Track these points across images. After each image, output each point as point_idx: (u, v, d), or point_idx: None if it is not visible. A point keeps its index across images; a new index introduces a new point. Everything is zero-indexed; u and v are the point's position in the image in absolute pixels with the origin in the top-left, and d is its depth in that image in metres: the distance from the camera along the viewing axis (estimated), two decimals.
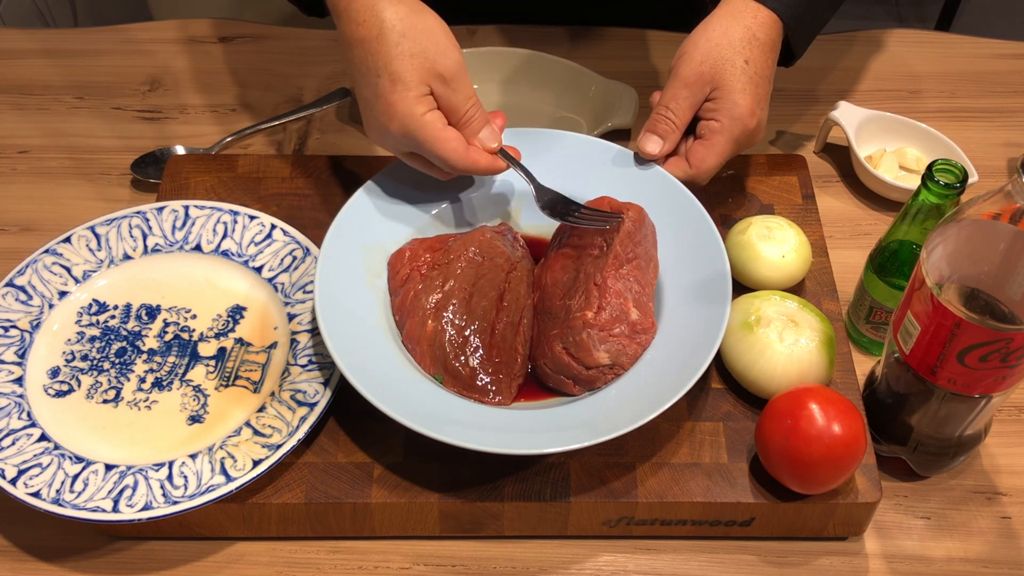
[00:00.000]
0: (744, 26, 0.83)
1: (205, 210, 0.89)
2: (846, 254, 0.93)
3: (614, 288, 0.75)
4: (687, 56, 0.83)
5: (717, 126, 0.83)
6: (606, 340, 0.74)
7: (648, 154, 0.85)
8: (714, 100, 0.83)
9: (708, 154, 0.83)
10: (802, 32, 0.87)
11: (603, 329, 0.74)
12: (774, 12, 0.84)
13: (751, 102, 0.82)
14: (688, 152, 0.85)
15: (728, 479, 0.74)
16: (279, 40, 1.16)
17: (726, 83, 0.82)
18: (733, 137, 0.83)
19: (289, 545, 0.76)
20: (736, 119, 0.82)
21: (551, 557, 0.76)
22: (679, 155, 0.86)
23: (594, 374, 0.75)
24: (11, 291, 0.83)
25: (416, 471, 0.74)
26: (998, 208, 0.63)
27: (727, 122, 0.82)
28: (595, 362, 0.75)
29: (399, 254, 0.82)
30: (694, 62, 0.83)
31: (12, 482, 0.72)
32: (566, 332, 0.75)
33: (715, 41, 0.83)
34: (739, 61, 0.82)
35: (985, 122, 1.07)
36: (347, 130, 1.06)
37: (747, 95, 0.82)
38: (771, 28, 0.84)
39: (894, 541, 0.76)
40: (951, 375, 0.68)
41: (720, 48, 0.82)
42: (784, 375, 0.75)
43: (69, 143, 1.06)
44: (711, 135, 0.83)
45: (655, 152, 0.84)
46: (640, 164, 0.86)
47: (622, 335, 0.75)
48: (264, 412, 0.77)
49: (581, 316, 0.74)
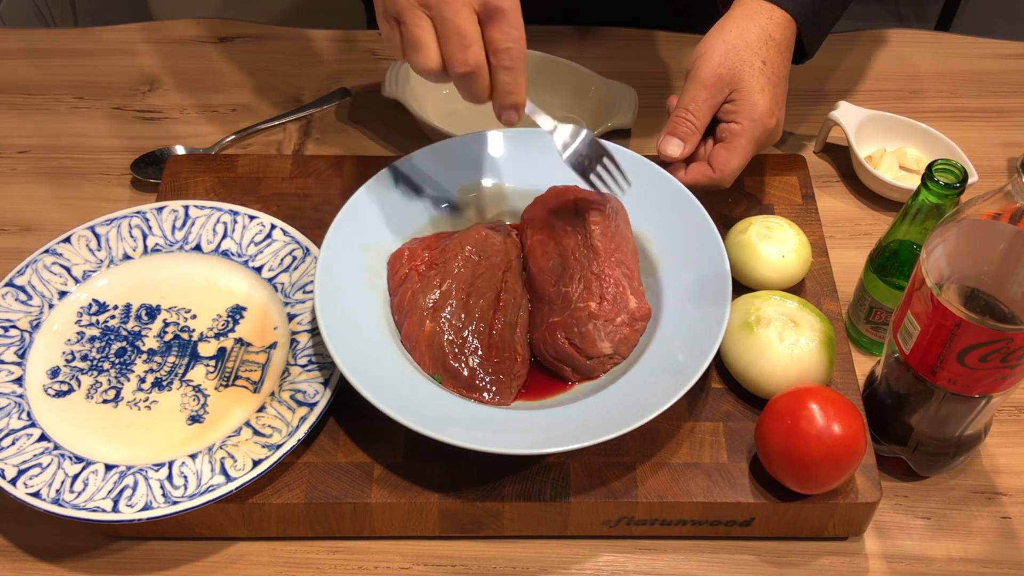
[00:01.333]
0: (760, 27, 0.84)
1: (205, 210, 0.89)
2: (846, 254, 0.93)
3: (612, 277, 0.76)
4: (705, 58, 0.83)
5: (738, 128, 0.83)
6: (609, 329, 0.75)
7: (669, 156, 0.84)
8: (733, 102, 0.83)
9: (731, 157, 0.83)
10: (815, 31, 0.88)
11: (607, 320, 0.75)
12: (788, 12, 0.85)
13: (770, 102, 0.83)
14: (711, 156, 0.85)
15: (728, 479, 0.74)
16: (279, 40, 1.16)
17: (745, 84, 0.82)
18: (754, 138, 0.83)
19: (289, 545, 0.76)
20: (756, 120, 0.82)
21: (551, 557, 0.76)
22: (700, 159, 0.86)
23: (595, 364, 0.76)
24: (11, 291, 0.83)
25: (416, 471, 0.74)
26: (998, 208, 0.63)
27: (748, 124, 0.83)
28: (598, 352, 0.75)
29: (398, 254, 0.82)
30: (712, 63, 0.83)
31: (12, 482, 0.72)
32: (570, 323, 0.75)
33: (732, 42, 0.83)
34: (757, 62, 0.83)
35: (985, 122, 1.07)
36: (347, 130, 1.06)
37: (766, 95, 0.82)
38: (786, 28, 0.85)
39: (894, 541, 0.76)
40: (951, 375, 0.68)
41: (738, 49, 0.83)
42: (784, 375, 0.75)
43: (69, 143, 1.06)
44: (733, 137, 0.83)
45: (676, 155, 0.84)
46: (640, 165, 0.86)
47: (623, 324, 0.76)
48: (264, 412, 0.77)
49: (586, 308, 0.75)
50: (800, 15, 0.85)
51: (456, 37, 0.69)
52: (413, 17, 0.69)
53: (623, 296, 0.76)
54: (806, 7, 0.85)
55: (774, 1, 0.85)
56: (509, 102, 0.72)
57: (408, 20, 0.69)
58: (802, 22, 0.85)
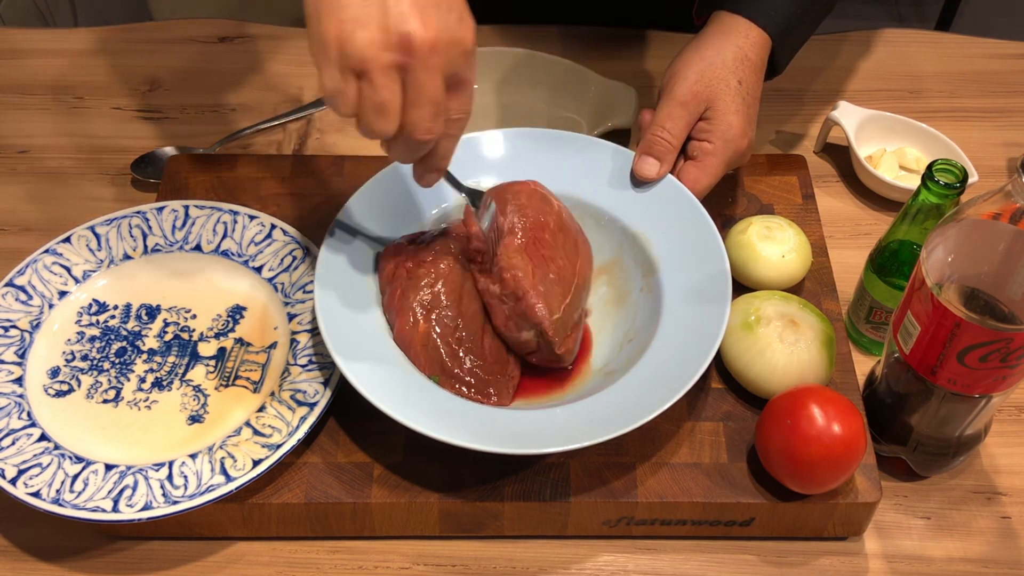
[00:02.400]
0: (736, 46, 0.84)
1: (205, 210, 0.89)
2: (846, 254, 0.93)
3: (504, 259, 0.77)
4: (680, 75, 0.84)
5: (711, 148, 0.83)
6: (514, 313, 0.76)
7: (646, 177, 0.84)
8: (708, 120, 0.83)
9: (702, 176, 0.83)
10: (787, 50, 0.88)
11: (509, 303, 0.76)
12: (765, 30, 0.85)
13: (743, 124, 0.83)
14: (680, 173, 0.85)
15: (728, 479, 0.74)
16: (279, 40, 1.16)
17: (720, 104, 0.82)
18: (726, 159, 0.83)
19: (289, 545, 0.76)
20: (729, 141, 0.83)
21: (551, 557, 0.76)
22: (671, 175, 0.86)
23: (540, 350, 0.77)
24: (11, 291, 0.83)
25: (416, 471, 0.74)
26: (998, 208, 0.63)
27: (721, 144, 0.83)
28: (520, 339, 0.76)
29: (385, 251, 0.82)
30: (688, 81, 0.83)
31: (12, 482, 0.72)
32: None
33: (708, 60, 0.83)
34: (733, 81, 0.83)
35: (985, 122, 1.07)
36: (347, 130, 1.06)
37: (740, 116, 0.83)
38: (761, 48, 0.85)
39: (894, 541, 0.76)
40: (951, 375, 0.68)
41: (714, 67, 0.83)
42: (784, 375, 0.75)
43: (69, 143, 1.06)
44: (704, 156, 0.83)
45: (653, 175, 0.84)
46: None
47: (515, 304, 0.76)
48: (264, 412, 0.77)
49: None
50: (776, 33, 0.85)
51: (430, 105, 0.62)
52: (384, 78, 0.61)
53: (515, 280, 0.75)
54: (780, 25, 0.85)
55: (751, 18, 0.85)
56: (439, 167, 0.70)
57: (378, 80, 0.61)
58: (777, 40, 0.86)
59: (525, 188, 0.81)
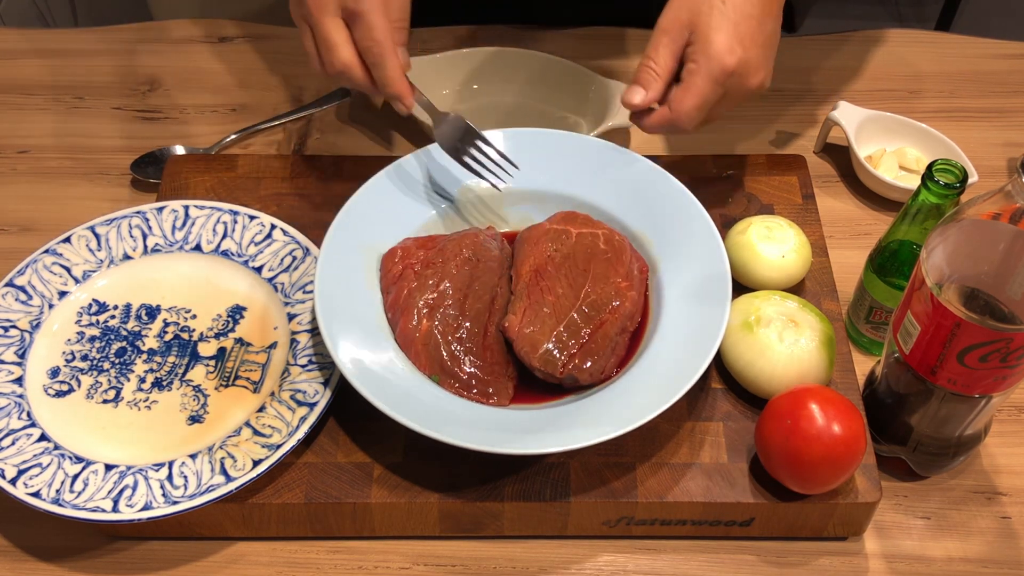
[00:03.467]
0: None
1: (205, 210, 0.89)
2: (846, 254, 0.93)
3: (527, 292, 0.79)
4: (667, 6, 0.82)
5: (694, 67, 0.81)
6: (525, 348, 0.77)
7: (631, 104, 0.82)
8: (692, 44, 0.81)
9: (686, 95, 0.81)
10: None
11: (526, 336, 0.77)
12: None
13: (727, 39, 0.80)
14: (669, 100, 0.82)
15: (728, 479, 0.74)
16: (279, 40, 1.16)
17: (701, 23, 0.80)
18: (712, 77, 0.80)
19: (289, 545, 0.76)
20: (712, 58, 0.80)
21: (551, 557, 0.76)
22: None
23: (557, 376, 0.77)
24: (11, 291, 0.83)
25: (416, 471, 0.74)
26: (998, 208, 0.63)
27: (703, 61, 0.80)
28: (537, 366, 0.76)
29: (391, 252, 0.82)
30: (672, 9, 0.81)
31: (12, 482, 0.72)
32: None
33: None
34: (716, 2, 0.80)
35: (985, 122, 1.07)
36: (347, 130, 1.06)
37: (722, 32, 0.80)
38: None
39: (894, 541, 0.76)
40: (951, 375, 0.68)
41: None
42: (784, 375, 0.75)
43: (69, 143, 1.06)
44: (688, 76, 0.81)
45: (637, 101, 0.82)
46: (640, 164, 0.86)
47: None
48: (264, 412, 0.77)
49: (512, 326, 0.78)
50: None
51: (323, 43, 0.81)
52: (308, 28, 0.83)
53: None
54: None
55: None
56: (386, 93, 0.82)
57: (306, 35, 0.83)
58: None
59: (540, 228, 0.83)
